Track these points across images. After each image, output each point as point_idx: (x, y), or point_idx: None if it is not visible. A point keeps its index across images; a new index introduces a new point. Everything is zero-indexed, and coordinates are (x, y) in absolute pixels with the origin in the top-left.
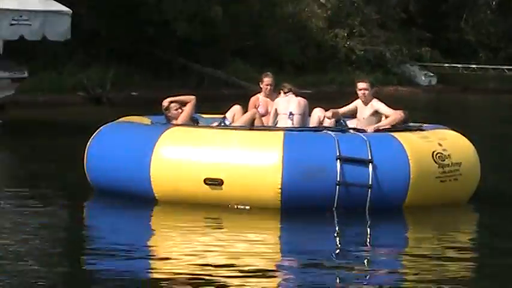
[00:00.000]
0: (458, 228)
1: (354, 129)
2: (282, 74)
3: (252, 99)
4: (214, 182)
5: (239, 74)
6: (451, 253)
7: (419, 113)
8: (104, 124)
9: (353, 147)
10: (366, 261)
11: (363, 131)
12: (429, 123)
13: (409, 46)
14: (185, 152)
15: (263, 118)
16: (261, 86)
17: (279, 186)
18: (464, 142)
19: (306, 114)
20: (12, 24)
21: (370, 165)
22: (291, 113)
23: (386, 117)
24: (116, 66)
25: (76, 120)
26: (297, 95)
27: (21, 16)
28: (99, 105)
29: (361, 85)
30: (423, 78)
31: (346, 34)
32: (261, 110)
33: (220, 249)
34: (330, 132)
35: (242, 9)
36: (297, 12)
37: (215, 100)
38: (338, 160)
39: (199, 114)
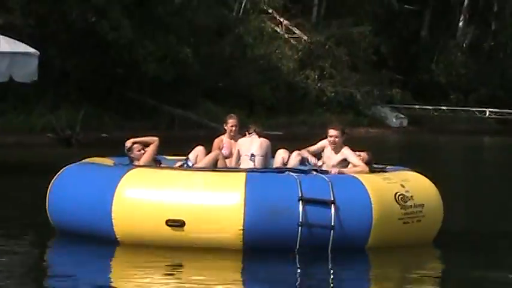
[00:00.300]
0: (421, 269)
1: (316, 170)
2: (253, 115)
3: (216, 140)
4: (176, 224)
5: (210, 115)
6: None
7: (389, 154)
8: (67, 165)
9: (315, 188)
10: None
11: (326, 172)
12: (394, 165)
13: (380, 88)
14: (147, 193)
15: (227, 160)
16: (226, 127)
17: (241, 228)
18: (426, 183)
19: (268, 155)
20: None
21: (333, 206)
22: (252, 155)
23: (354, 166)
24: (86, 107)
25: (44, 161)
26: (260, 136)
27: None
28: (69, 147)
29: (332, 132)
30: (394, 120)
31: (316, 76)
32: (225, 151)
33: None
34: (292, 173)
35: (213, 51)
36: (268, 54)
37: (186, 141)
38: (300, 201)
39: (163, 156)
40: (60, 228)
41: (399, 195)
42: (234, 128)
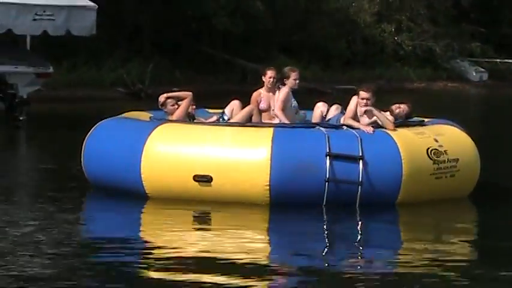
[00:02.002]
0: (454, 226)
1: (347, 125)
2: (328, 69)
3: (254, 94)
4: (204, 179)
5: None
6: (446, 252)
7: (466, 108)
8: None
9: (344, 143)
10: (356, 260)
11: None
12: (441, 118)
13: (460, 41)
14: (175, 148)
15: (265, 113)
16: (264, 79)
17: (267, 183)
18: (462, 137)
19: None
20: (35, 20)
21: (361, 162)
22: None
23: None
24: (158, 62)
25: (114, 115)
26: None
27: (44, 11)
28: (138, 101)
29: (364, 94)
30: (474, 73)
31: (393, 29)
32: (263, 105)
33: (208, 247)
34: (321, 128)
35: (287, 4)
36: (344, 7)
37: None
38: (327, 157)
39: (206, 108)
40: (94, 182)
41: (432, 149)
42: (271, 80)
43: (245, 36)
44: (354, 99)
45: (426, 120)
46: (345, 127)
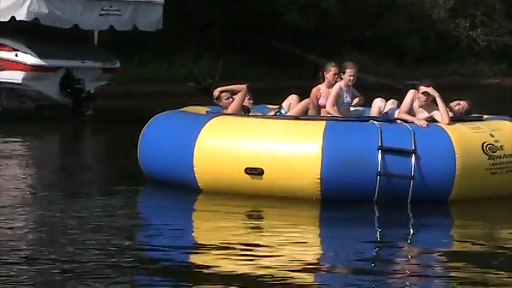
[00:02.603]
0: (508, 222)
1: (401, 119)
2: (401, 64)
3: (314, 90)
4: (255, 172)
5: (356, 65)
6: (500, 254)
7: None
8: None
9: (397, 137)
10: (405, 259)
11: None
12: (502, 115)
13: None
14: (227, 142)
15: (324, 110)
16: (326, 75)
17: (318, 177)
18: None
19: None
20: (101, 15)
21: (413, 156)
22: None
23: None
24: (229, 57)
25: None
26: None
27: (111, 6)
28: (208, 96)
29: (426, 89)
30: None
31: (468, 24)
32: (322, 101)
33: (259, 240)
34: (375, 122)
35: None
36: (418, 2)
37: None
38: (379, 150)
39: (266, 105)
40: (150, 176)
41: (487, 145)
42: (335, 77)
43: (317, 32)
44: (410, 94)
45: (485, 116)
46: (398, 121)
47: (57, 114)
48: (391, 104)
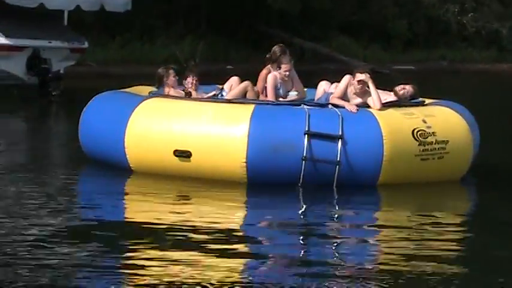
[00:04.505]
0: (441, 208)
1: (333, 105)
2: (389, 49)
3: (263, 72)
4: (183, 154)
5: (343, 49)
6: (427, 231)
7: None
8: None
9: (325, 122)
10: (333, 239)
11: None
12: (448, 100)
13: None
14: (157, 124)
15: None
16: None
17: (244, 160)
18: (455, 119)
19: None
20: None
21: (339, 141)
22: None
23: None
24: (213, 39)
25: None
26: None
27: None
28: None
29: (361, 77)
30: None
31: (457, 10)
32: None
33: (183, 222)
34: (306, 106)
35: None
36: None
37: (316, 75)
38: (306, 135)
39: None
40: (90, 156)
41: (418, 130)
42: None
43: (303, 16)
44: (346, 79)
45: (428, 101)
46: (330, 105)
47: (26, 94)
48: (334, 88)
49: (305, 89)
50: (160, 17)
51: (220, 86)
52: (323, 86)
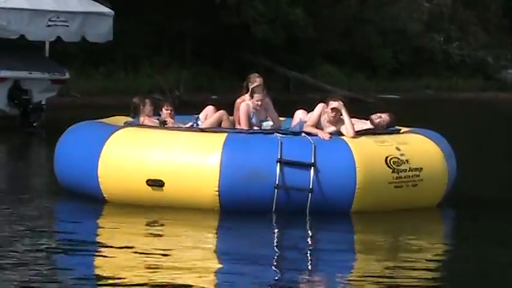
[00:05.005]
0: (414, 234)
1: (307, 133)
2: (375, 78)
3: (238, 101)
4: (156, 183)
5: (328, 78)
6: (401, 259)
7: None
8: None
9: (297, 150)
10: (306, 266)
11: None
12: (424, 128)
13: None
14: (129, 153)
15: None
16: (250, 87)
17: (216, 189)
18: (428, 147)
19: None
20: (49, 25)
21: (312, 169)
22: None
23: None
24: (198, 69)
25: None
26: None
27: (58, 17)
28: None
29: (334, 104)
30: None
31: (442, 39)
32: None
33: (156, 253)
34: (278, 135)
35: (331, 13)
36: (392, 16)
37: (302, 104)
38: (278, 163)
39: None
40: (64, 185)
41: (391, 158)
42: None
43: (287, 45)
44: (319, 107)
45: (404, 129)
46: (303, 133)
47: (6, 125)
48: (305, 116)
49: (282, 119)
50: (144, 47)
51: (197, 116)
52: (299, 115)
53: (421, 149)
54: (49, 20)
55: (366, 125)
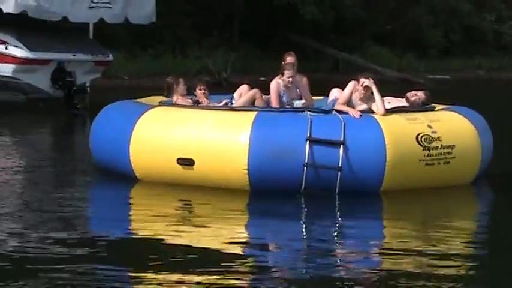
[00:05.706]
0: (447, 215)
1: (337, 111)
2: (425, 58)
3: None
4: (186, 162)
5: (377, 58)
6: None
7: None
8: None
9: (326, 128)
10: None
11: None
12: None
13: None
14: (160, 132)
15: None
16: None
17: (245, 167)
18: (462, 124)
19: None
20: (91, 7)
21: (341, 147)
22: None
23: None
24: (246, 50)
25: None
26: None
27: None
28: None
29: (365, 82)
30: None
31: (493, 18)
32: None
33: (187, 232)
34: (309, 113)
35: None
36: None
37: None
38: (307, 141)
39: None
40: (100, 165)
41: (422, 135)
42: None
43: (336, 25)
44: (350, 85)
45: (440, 107)
46: (334, 112)
47: (51, 107)
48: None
49: (320, 97)
50: (192, 29)
51: (232, 95)
52: (334, 93)
53: (453, 126)
54: (91, 2)
55: (401, 103)
